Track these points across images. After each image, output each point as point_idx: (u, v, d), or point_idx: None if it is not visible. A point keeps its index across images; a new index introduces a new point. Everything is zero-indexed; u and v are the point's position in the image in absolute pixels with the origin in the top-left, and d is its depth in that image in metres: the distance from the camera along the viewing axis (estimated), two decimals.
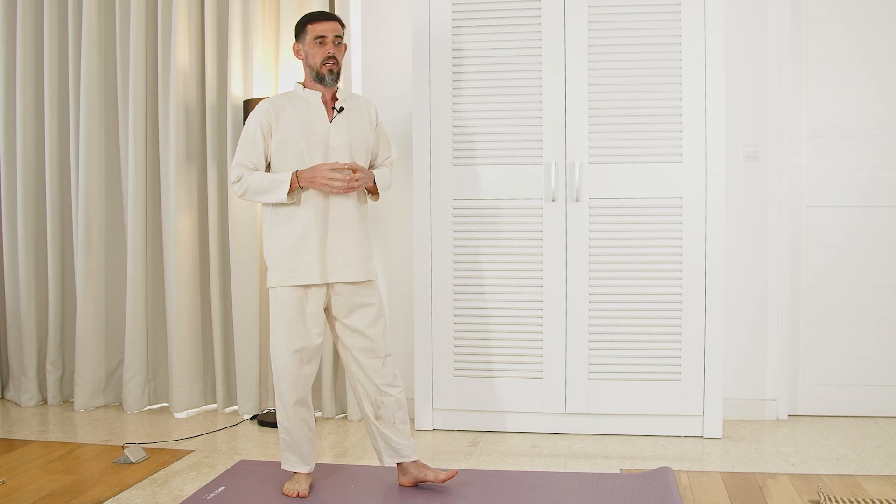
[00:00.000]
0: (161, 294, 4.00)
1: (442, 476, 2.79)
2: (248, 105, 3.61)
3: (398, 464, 2.82)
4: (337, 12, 3.68)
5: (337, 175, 2.64)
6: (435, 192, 3.51)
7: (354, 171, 2.66)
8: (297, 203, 2.69)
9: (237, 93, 3.77)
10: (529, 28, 3.44)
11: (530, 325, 3.49)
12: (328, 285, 2.73)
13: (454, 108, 3.50)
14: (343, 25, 2.77)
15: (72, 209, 4.00)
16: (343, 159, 2.72)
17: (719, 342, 3.39)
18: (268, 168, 2.76)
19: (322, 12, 2.75)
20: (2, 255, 4.13)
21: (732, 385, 3.69)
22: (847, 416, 3.71)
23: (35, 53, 4.02)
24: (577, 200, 3.42)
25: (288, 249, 2.70)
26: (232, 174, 2.74)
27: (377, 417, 2.79)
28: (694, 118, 3.37)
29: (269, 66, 3.81)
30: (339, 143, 2.72)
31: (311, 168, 2.65)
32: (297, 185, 2.66)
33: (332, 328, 2.82)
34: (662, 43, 3.37)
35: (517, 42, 3.45)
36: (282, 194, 2.65)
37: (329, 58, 2.70)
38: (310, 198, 2.69)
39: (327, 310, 2.78)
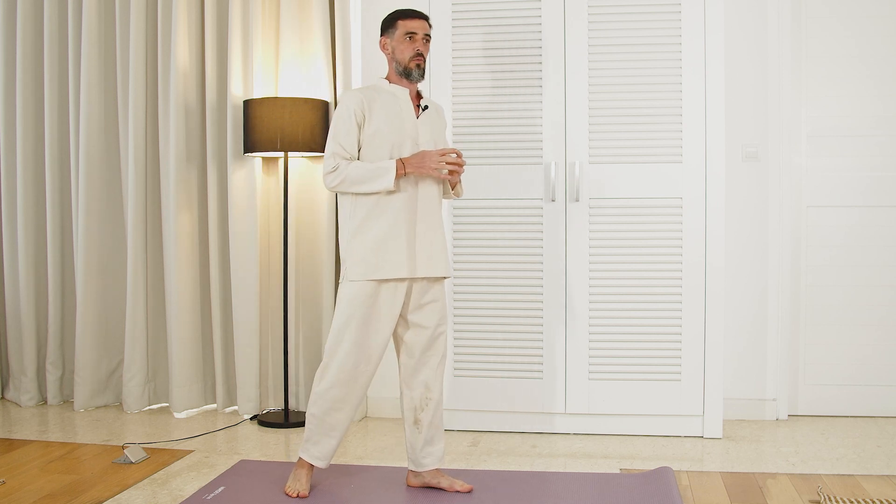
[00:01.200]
0: (161, 294, 4.00)
1: (456, 486, 2.77)
2: (248, 105, 3.61)
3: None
4: (337, 12, 3.69)
5: (446, 160, 2.62)
6: None
7: (460, 157, 2.65)
8: (387, 195, 2.63)
9: (237, 93, 3.77)
10: (529, 28, 3.44)
11: (530, 325, 3.49)
12: (411, 280, 2.70)
13: (454, 107, 3.50)
14: (431, 25, 2.76)
15: (72, 209, 4.00)
16: None
17: (719, 342, 3.39)
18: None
19: (413, 11, 2.73)
20: (2, 255, 4.13)
21: (732, 385, 3.69)
22: (847, 416, 3.71)
23: (35, 53, 4.03)
24: (577, 200, 3.43)
25: (375, 243, 2.64)
26: (327, 164, 2.65)
27: (416, 422, 2.75)
28: (694, 118, 3.37)
29: (269, 66, 3.81)
30: (425, 141, 2.72)
31: (419, 154, 2.63)
32: (403, 171, 2.62)
33: (396, 331, 2.76)
34: (662, 43, 3.37)
35: (517, 42, 3.45)
36: (389, 181, 2.59)
37: (418, 54, 2.70)
38: (399, 190, 2.66)
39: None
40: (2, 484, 2.87)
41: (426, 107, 2.77)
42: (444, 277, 2.74)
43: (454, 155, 2.65)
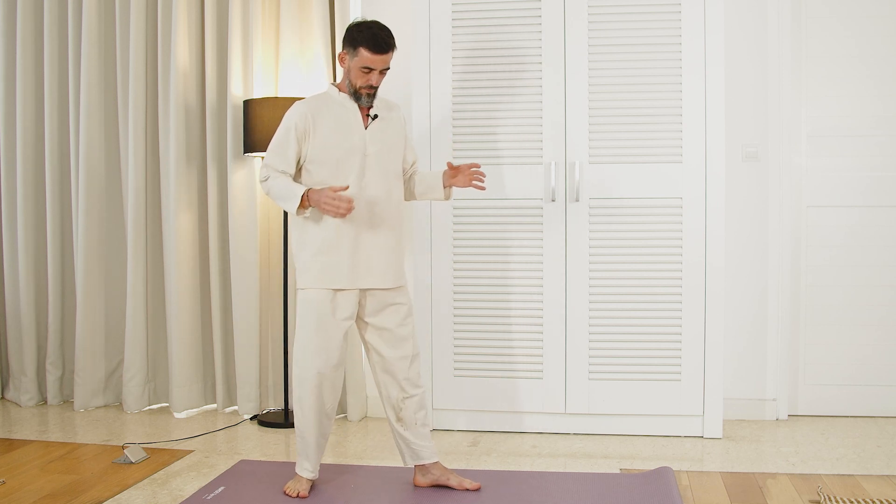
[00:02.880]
0: (161, 294, 4.00)
1: (466, 484, 2.78)
2: (248, 105, 3.61)
3: (417, 465, 2.83)
4: (337, 12, 3.69)
5: (336, 201, 2.55)
6: None
7: (350, 202, 2.56)
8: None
9: (237, 93, 3.77)
10: (529, 28, 3.44)
11: (530, 325, 3.49)
12: (361, 290, 2.72)
13: (454, 107, 3.50)
14: (394, 52, 2.69)
15: (72, 209, 3.99)
16: (378, 167, 2.71)
17: (719, 342, 3.39)
18: (300, 171, 2.72)
19: (381, 42, 2.62)
20: (2, 255, 4.13)
21: (732, 385, 3.69)
22: (847, 416, 3.71)
23: (35, 53, 4.02)
24: (577, 200, 3.42)
25: (318, 252, 2.68)
26: (261, 173, 2.71)
27: (398, 420, 2.79)
28: (694, 118, 3.37)
29: (269, 66, 3.81)
30: (374, 151, 2.71)
31: (319, 190, 2.59)
32: (308, 202, 2.62)
33: (361, 336, 2.80)
34: (662, 43, 3.37)
35: (517, 42, 3.45)
36: (292, 207, 2.62)
37: (370, 86, 2.68)
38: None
39: (358, 315, 2.76)
40: (2, 484, 2.87)
41: (375, 116, 2.74)
42: (396, 287, 2.75)
43: (347, 201, 2.55)
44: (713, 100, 3.35)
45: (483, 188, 2.85)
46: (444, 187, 2.86)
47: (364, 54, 2.63)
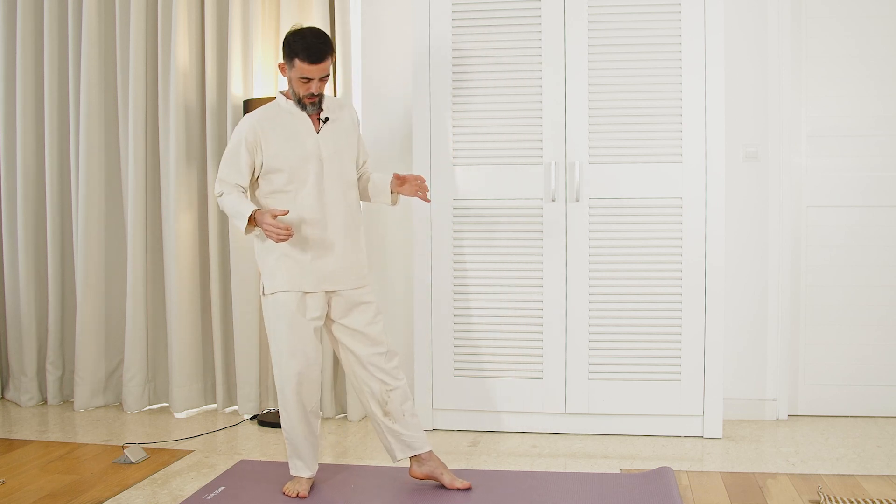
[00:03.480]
0: (161, 294, 4.00)
1: (457, 484, 2.79)
2: (249, 105, 3.61)
3: (412, 456, 2.83)
4: (337, 12, 3.68)
5: (277, 231, 2.56)
6: (435, 192, 3.51)
7: (289, 230, 2.57)
8: (287, 212, 2.61)
9: (237, 93, 3.77)
10: (529, 28, 3.44)
11: (530, 325, 3.49)
12: (327, 292, 2.73)
13: (454, 107, 3.50)
14: (333, 59, 2.69)
15: (72, 209, 4.00)
16: (335, 169, 2.72)
17: (719, 342, 3.39)
18: (257, 180, 2.73)
19: (314, 51, 2.59)
20: (2, 255, 4.13)
21: (732, 385, 3.69)
22: (847, 416, 3.71)
23: (35, 53, 4.02)
24: (577, 200, 3.42)
25: (283, 255, 2.69)
26: (216, 188, 2.72)
27: (385, 414, 2.79)
28: (694, 118, 3.37)
29: (269, 66, 3.81)
30: (328, 154, 2.72)
31: (262, 212, 2.59)
32: (255, 223, 2.63)
33: (331, 334, 2.82)
34: (662, 43, 3.37)
35: (517, 42, 3.45)
36: (241, 227, 2.64)
37: (312, 94, 2.67)
38: (302, 207, 2.68)
39: (327, 316, 2.78)
40: (2, 484, 2.87)
41: (327, 119, 2.74)
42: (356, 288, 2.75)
43: (284, 228, 2.57)
44: (713, 100, 3.35)
45: (428, 200, 2.91)
46: (392, 192, 2.87)
47: (300, 65, 2.61)
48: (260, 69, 3.76)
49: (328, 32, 3.74)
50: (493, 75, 3.47)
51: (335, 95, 3.75)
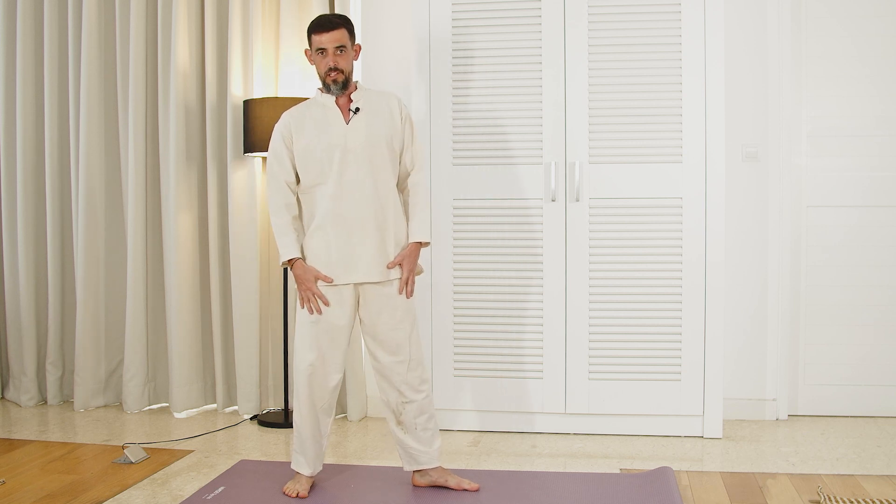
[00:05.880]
0: (161, 294, 4.00)
1: (464, 485, 2.78)
2: (248, 105, 3.61)
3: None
4: (337, 12, 3.68)
5: (311, 301, 2.67)
6: (435, 192, 3.51)
7: (326, 303, 2.67)
8: (322, 200, 2.67)
9: (237, 93, 3.77)
10: (529, 28, 3.44)
11: (530, 324, 3.49)
12: (355, 286, 2.71)
13: (454, 107, 3.50)
14: (349, 30, 2.70)
15: (72, 209, 4.00)
16: (362, 162, 2.68)
17: (719, 342, 3.39)
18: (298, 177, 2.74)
19: (323, 21, 2.67)
20: (2, 255, 4.13)
21: (732, 385, 3.69)
22: (847, 416, 3.71)
23: (35, 53, 4.02)
24: (577, 200, 3.43)
25: (311, 249, 2.71)
26: (267, 187, 2.76)
27: (398, 423, 2.78)
28: (694, 118, 3.37)
29: (269, 66, 3.81)
30: (356, 145, 2.68)
31: (305, 270, 2.67)
32: (290, 265, 2.71)
33: (364, 334, 2.80)
34: (662, 43, 3.37)
35: (517, 42, 3.45)
36: (281, 257, 2.72)
37: (331, 69, 2.67)
38: (330, 197, 2.67)
39: (359, 316, 2.77)
40: (2, 484, 2.87)
41: (357, 109, 2.72)
42: (388, 281, 2.72)
43: (321, 301, 2.67)
44: (713, 100, 3.35)
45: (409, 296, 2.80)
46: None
47: (314, 39, 2.68)
48: (260, 69, 3.76)
49: None
50: (493, 75, 3.47)
51: None
